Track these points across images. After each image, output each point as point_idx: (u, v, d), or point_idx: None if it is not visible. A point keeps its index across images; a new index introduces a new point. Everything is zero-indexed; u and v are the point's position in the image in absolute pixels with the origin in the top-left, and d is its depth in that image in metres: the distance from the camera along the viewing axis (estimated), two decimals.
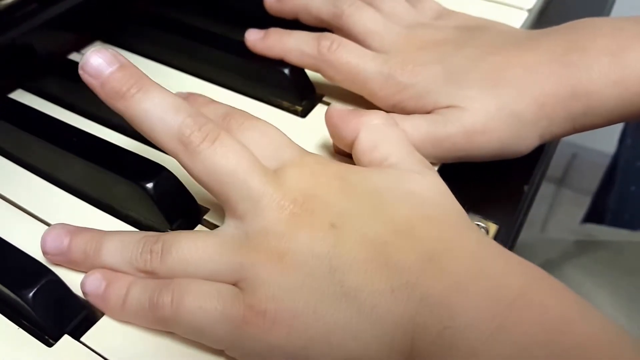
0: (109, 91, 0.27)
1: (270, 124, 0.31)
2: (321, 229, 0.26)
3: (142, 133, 0.28)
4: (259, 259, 0.25)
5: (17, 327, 0.27)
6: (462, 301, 0.23)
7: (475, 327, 0.22)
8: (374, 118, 0.31)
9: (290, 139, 0.30)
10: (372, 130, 0.31)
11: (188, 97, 0.35)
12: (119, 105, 0.27)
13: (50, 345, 0.26)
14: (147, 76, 0.28)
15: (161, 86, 0.28)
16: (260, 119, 0.31)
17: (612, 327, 0.22)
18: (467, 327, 0.22)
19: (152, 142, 0.28)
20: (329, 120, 0.33)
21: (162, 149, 0.27)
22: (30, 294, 0.26)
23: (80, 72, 0.28)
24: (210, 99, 0.35)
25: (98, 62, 0.27)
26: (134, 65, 0.28)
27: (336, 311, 0.24)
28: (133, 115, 0.27)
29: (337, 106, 0.34)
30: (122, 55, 0.28)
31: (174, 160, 0.28)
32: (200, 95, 0.36)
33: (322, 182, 0.28)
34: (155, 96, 0.27)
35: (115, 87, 0.27)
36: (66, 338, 0.27)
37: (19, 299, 0.26)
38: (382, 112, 0.32)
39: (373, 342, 0.24)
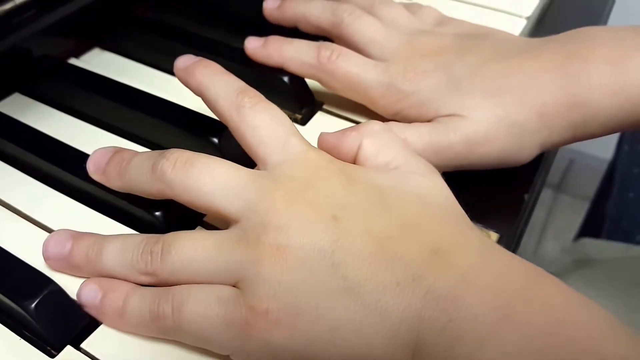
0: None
1: (280, 111, 0.30)
2: (322, 220, 0.25)
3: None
4: (258, 255, 0.25)
5: (19, 337, 0.27)
6: (468, 294, 0.23)
7: (481, 318, 0.22)
8: (374, 125, 0.31)
9: (297, 130, 0.30)
10: (374, 137, 0.30)
11: (200, 61, 0.33)
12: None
13: (52, 356, 0.26)
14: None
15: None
16: (271, 102, 0.30)
17: (613, 320, 0.22)
18: (473, 319, 0.22)
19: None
20: (324, 144, 0.31)
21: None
22: (33, 305, 0.26)
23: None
24: (225, 70, 0.32)
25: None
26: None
27: (340, 307, 0.24)
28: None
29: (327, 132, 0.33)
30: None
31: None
32: (215, 64, 0.33)
33: (323, 176, 0.27)
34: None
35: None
36: (68, 349, 0.27)
37: (21, 310, 0.26)
38: (378, 121, 0.32)
39: (378, 337, 0.24)
